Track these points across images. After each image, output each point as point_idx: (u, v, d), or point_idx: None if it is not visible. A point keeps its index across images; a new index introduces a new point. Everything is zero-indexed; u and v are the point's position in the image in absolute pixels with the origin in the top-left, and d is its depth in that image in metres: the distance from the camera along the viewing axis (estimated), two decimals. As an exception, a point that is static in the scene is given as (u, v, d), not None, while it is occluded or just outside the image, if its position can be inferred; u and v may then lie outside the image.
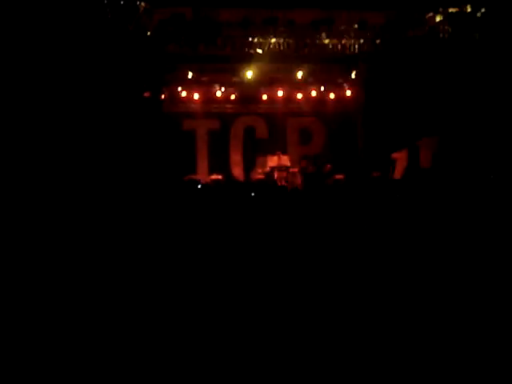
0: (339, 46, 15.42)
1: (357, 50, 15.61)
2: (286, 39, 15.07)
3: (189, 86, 18.27)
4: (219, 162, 18.69)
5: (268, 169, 17.02)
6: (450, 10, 14.53)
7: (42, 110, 12.21)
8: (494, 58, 13.84)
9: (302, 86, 18.67)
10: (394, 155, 16.30)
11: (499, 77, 13.76)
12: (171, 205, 7.16)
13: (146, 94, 14.05)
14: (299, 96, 18.95)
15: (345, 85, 19.13)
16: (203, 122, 19.11)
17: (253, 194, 9.40)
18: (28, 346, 4.07)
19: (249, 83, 18.01)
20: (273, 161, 17.32)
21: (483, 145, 13.55)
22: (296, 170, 17.12)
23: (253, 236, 5.96)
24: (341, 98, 19.43)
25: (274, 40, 15.00)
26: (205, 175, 17.09)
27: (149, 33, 14.29)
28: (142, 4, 13.75)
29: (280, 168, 16.84)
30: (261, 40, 15.02)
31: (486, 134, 13.68)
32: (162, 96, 16.80)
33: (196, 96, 18.55)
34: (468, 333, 4.19)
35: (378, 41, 15.38)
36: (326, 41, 15.15)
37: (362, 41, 15.32)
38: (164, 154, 14.49)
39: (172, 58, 15.91)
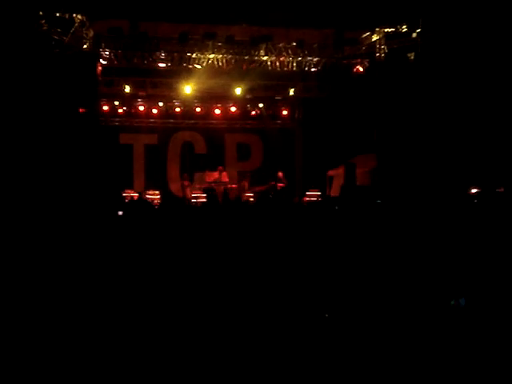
0: (277, 63, 15.50)
1: (295, 68, 15.73)
2: (225, 55, 15.03)
3: (126, 100, 18.07)
4: (156, 177, 18.53)
5: (206, 184, 16.91)
6: (387, 29, 14.85)
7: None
8: (429, 76, 14.24)
9: (241, 101, 18.76)
10: (331, 172, 16.47)
11: (435, 94, 14.17)
12: (104, 219, 7.02)
13: (81, 110, 13.70)
14: (238, 112, 19.01)
15: (283, 101, 19.38)
16: (140, 137, 18.92)
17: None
18: (28, 346, 3.99)
19: (187, 98, 17.95)
20: (211, 176, 17.27)
21: (422, 161, 13.88)
22: (235, 186, 17.13)
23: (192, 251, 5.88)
24: (279, 114, 19.67)
25: (212, 55, 14.93)
26: (141, 190, 16.84)
27: (85, 46, 13.99)
28: (78, 16, 13.45)
29: (218, 184, 16.77)
30: (199, 55, 14.93)
31: (423, 151, 14.02)
32: (99, 109, 16.49)
33: (133, 110, 18.40)
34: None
35: (315, 59, 15.54)
36: (265, 58, 15.19)
37: (299, 58, 15.44)
38: (100, 169, 14.14)
39: (109, 71, 15.67)
